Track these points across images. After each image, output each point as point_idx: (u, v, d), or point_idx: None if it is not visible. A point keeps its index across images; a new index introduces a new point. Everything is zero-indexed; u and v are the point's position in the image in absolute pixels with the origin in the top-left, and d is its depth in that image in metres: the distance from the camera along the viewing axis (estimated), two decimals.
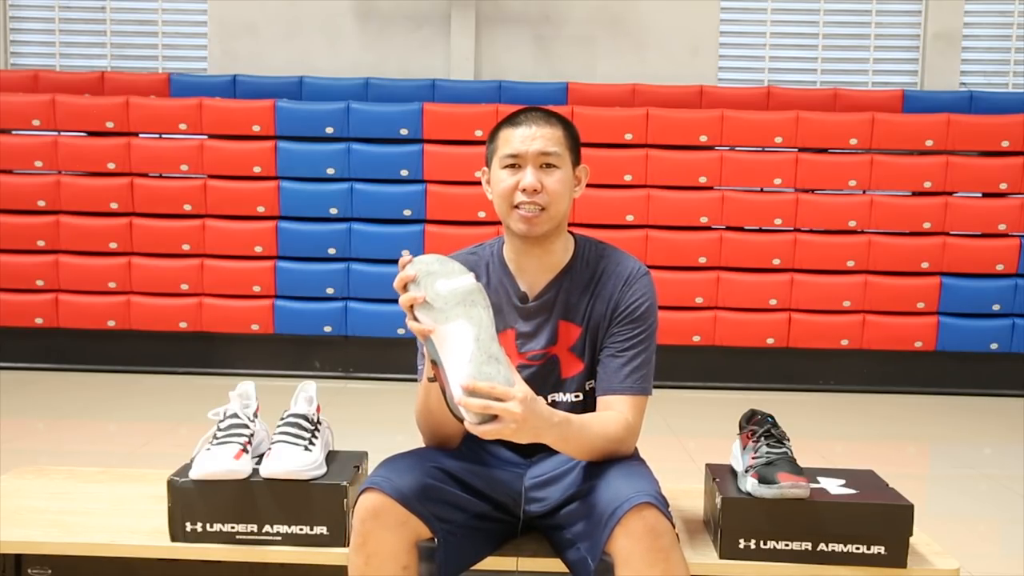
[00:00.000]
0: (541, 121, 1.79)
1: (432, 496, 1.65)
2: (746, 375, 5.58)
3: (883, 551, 1.73)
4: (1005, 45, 6.56)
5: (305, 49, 6.50)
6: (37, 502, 2.01)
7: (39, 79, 6.04)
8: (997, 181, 5.60)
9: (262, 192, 5.61)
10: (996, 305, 5.51)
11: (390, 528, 1.60)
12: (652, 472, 1.73)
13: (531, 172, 1.76)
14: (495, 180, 1.82)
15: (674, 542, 1.58)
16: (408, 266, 1.60)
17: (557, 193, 1.77)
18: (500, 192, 1.79)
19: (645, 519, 1.55)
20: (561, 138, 1.79)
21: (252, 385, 1.96)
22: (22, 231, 5.59)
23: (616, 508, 1.57)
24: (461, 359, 1.53)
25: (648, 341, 1.80)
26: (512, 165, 1.78)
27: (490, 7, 6.47)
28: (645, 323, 1.80)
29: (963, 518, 3.46)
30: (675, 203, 5.57)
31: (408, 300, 1.57)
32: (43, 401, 4.99)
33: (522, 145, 1.77)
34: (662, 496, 1.61)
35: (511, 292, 1.86)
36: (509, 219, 1.80)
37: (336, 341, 5.60)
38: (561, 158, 1.78)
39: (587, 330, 1.83)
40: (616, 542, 1.56)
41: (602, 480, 1.66)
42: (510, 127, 1.80)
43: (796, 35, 6.61)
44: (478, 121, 5.61)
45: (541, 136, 1.77)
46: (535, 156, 1.76)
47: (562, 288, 1.84)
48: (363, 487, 1.64)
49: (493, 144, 1.83)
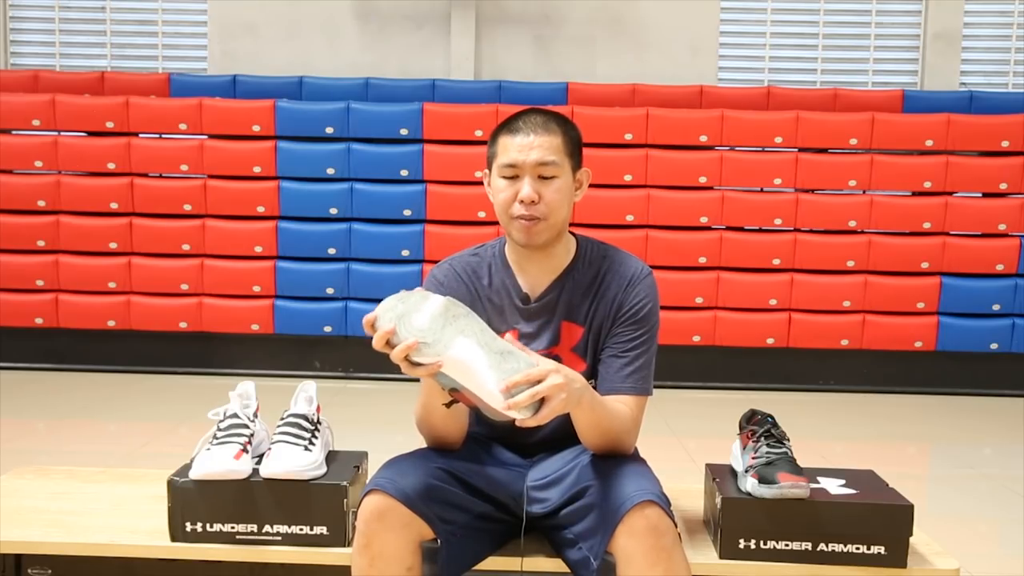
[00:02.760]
0: (540, 128, 1.77)
1: (435, 496, 1.65)
2: (746, 375, 5.58)
3: (883, 551, 1.73)
4: (1005, 45, 6.56)
5: (305, 49, 6.50)
6: (37, 502, 2.01)
7: (39, 79, 6.04)
8: (997, 181, 5.60)
9: (262, 192, 5.60)
10: (996, 305, 5.51)
11: (395, 529, 1.60)
12: (653, 471, 1.74)
13: (528, 183, 1.75)
14: (494, 188, 1.81)
15: (676, 541, 1.58)
16: (376, 321, 1.55)
17: (555, 203, 1.76)
18: (499, 202, 1.79)
19: (648, 518, 1.55)
20: (560, 145, 1.77)
21: (252, 385, 1.96)
22: (22, 231, 5.59)
23: (619, 507, 1.57)
24: (482, 372, 1.50)
25: (650, 342, 1.81)
26: (510, 176, 1.77)
27: (490, 7, 6.47)
28: (647, 324, 1.81)
29: (963, 518, 3.46)
30: (675, 203, 5.57)
31: (402, 352, 1.52)
32: (43, 401, 4.99)
33: (520, 155, 1.75)
34: (664, 495, 1.61)
35: (513, 293, 1.87)
36: (509, 228, 1.80)
37: (336, 341, 5.60)
38: (559, 167, 1.77)
39: (590, 331, 1.83)
40: (618, 541, 1.56)
41: (604, 479, 1.65)
42: (508, 134, 1.78)
43: (796, 35, 6.61)
44: (478, 121, 5.61)
45: (539, 146, 1.75)
46: (532, 166, 1.75)
47: (564, 289, 1.85)
48: (366, 489, 1.63)
49: (493, 149, 1.82)
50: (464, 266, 1.89)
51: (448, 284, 1.87)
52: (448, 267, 1.90)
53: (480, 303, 1.86)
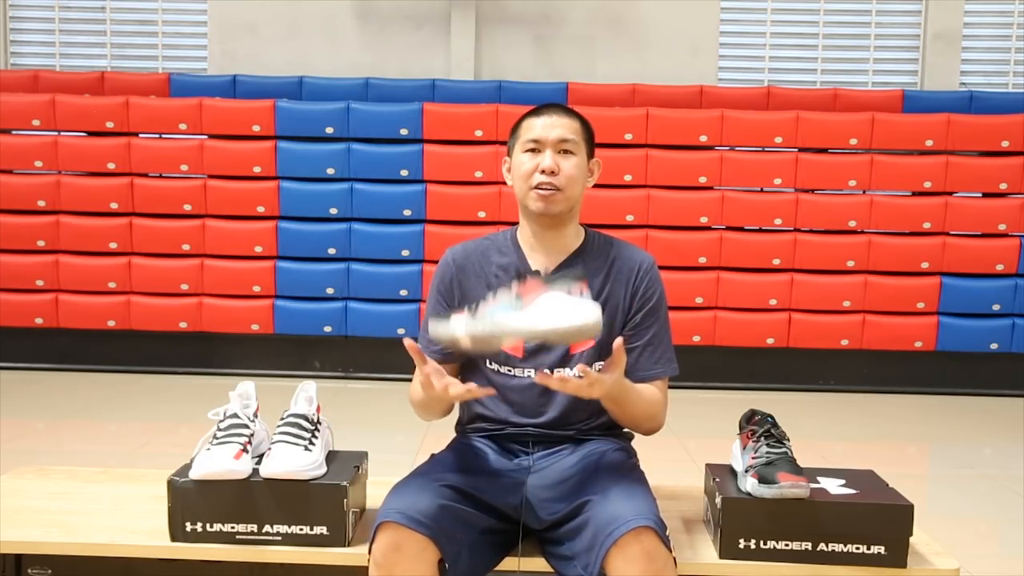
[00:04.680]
0: (561, 112, 1.94)
1: (444, 516, 1.66)
2: (746, 375, 5.58)
3: (883, 551, 1.73)
4: (1005, 45, 6.56)
5: (305, 49, 6.50)
6: (37, 502, 2.00)
7: (39, 79, 6.04)
8: (997, 181, 5.60)
9: (262, 192, 5.61)
10: (996, 305, 5.51)
11: (413, 556, 1.62)
12: (651, 491, 1.75)
13: (550, 155, 1.90)
14: (516, 164, 1.94)
15: (669, 565, 1.58)
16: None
17: (572, 177, 1.91)
18: (521, 173, 1.92)
19: (642, 543, 1.56)
20: (579, 129, 1.94)
21: (252, 385, 1.96)
22: (22, 231, 5.59)
23: (613, 529, 1.58)
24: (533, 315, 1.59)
25: (667, 324, 1.99)
26: (533, 149, 1.91)
27: (490, 7, 6.47)
28: (660, 310, 1.97)
29: (963, 518, 3.46)
30: (675, 203, 5.57)
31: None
32: (43, 401, 4.99)
33: (543, 131, 1.91)
34: (661, 520, 1.62)
35: (524, 271, 1.92)
36: (527, 199, 1.92)
37: (336, 341, 5.60)
38: (578, 146, 1.93)
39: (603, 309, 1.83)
40: (611, 563, 1.57)
41: (602, 497, 1.67)
42: (532, 117, 1.95)
43: (796, 35, 6.61)
44: (478, 121, 5.61)
45: (561, 125, 1.91)
46: (555, 142, 1.90)
47: (575, 266, 1.92)
48: (378, 521, 1.64)
49: (516, 133, 1.96)
50: (475, 246, 2.01)
51: (458, 261, 1.98)
52: (460, 247, 2.02)
53: (488, 279, 1.94)
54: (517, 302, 1.61)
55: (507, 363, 1.92)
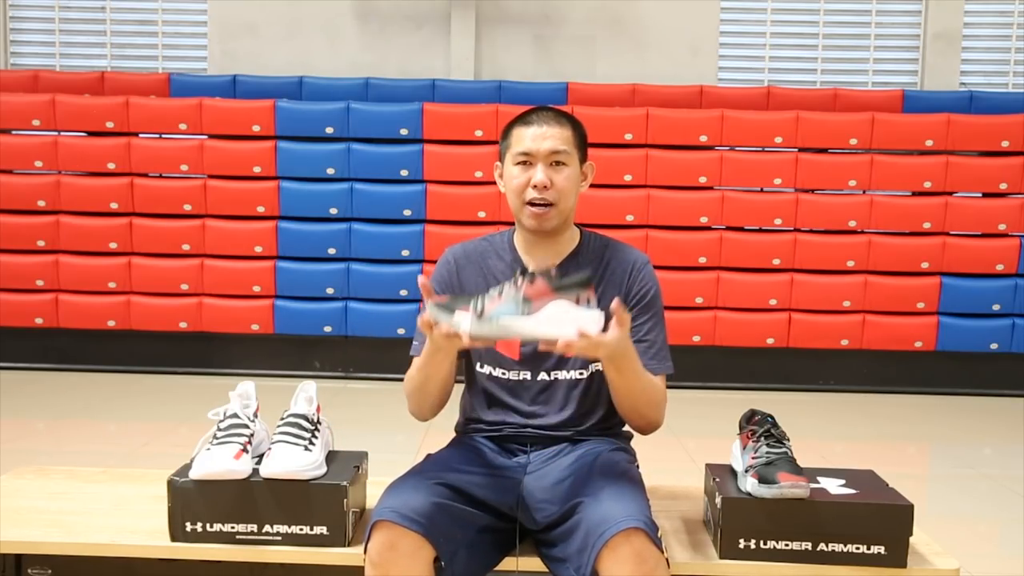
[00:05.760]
0: (552, 121, 1.90)
1: (440, 515, 1.66)
2: (746, 375, 5.58)
3: (883, 551, 1.73)
4: (1005, 45, 6.56)
5: (305, 49, 6.50)
6: (37, 502, 2.00)
7: (39, 79, 6.04)
8: (997, 181, 5.60)
9: (262, 192, 5.60)
10: (996, 305, 5.51)
11: (407, 556, 1.61)
12: (645, 492, 1.75)
13: (542, 169, 1.87)
14: (508, 176, 1.93)
15: (660, 566, 1.58)
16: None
17: (566, 190, 1.89)
18: (513, 188, 1.91)
19: (632, 544, 1.56)
20: (570, 137, 1.90)
21: (252, 385, 1.96)
22: (22, 231, 5.59)
23: (604, 531, 1.58)
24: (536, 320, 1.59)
25: (661, 323, 1.97)
26: (524, 162, 1.89)
27: (490, 7, 6.47)
28: (655, 307, 1.95)
29: (963, 518, 3.46)
30: (675, 203, 5.57)
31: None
32: (43, 401, 4.99)
33: (533, 144, 1.88)
34: (652, 522, 1.61)
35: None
36: (521, 214, 1.91)
37: (336, 341, 5.60)
38: (570, 156, 1.90)
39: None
40: (602, 564, 1.57)
41: (593, 499, 1.67)
42: (522, 126, 1.91)
43: (796, 35, 6.61)
44: (478, 121, 5.61)
45: (551, 136, 1.88)
46: (546, 155, 1.87)
47: (570, 269, 1.90)
48: (373, 520, 1.64)
49: (506, 141, 1.94)
50: (474, 247, 2.01)
51: (458, 260, 1.99)
52: (459, 247, 2.03)
53: (487, 280, 1.93)
54: (525, 305, 1.59)
55: (501, 366, 1.92)
